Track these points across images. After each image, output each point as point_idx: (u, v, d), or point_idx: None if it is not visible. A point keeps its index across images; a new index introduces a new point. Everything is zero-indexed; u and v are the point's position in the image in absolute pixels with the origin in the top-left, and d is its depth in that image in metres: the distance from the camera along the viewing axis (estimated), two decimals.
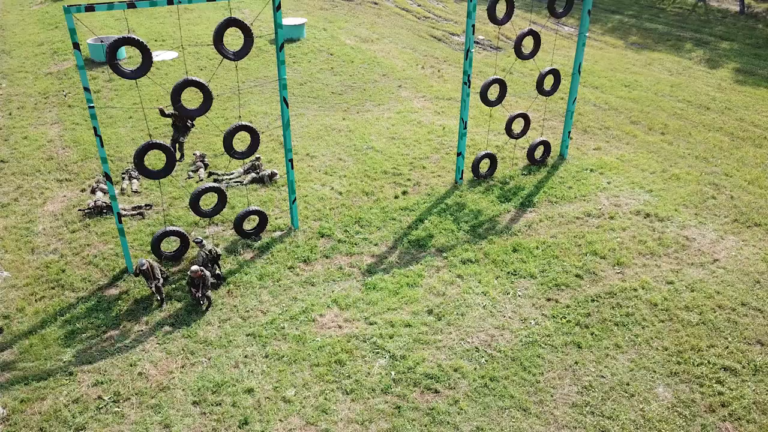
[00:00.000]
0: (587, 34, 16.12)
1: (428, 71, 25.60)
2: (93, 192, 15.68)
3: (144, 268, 11.41)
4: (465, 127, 15.44)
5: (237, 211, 14.22)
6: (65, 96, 22.12)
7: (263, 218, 13.75)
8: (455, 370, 10.31)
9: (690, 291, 12.13)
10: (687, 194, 15.66)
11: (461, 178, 16.11)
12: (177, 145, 14.30)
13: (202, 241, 12.23)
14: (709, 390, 9.89)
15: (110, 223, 14.44)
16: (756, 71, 25.50)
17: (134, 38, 11.19)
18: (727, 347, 10.73)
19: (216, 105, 21.04)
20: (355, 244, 13.72)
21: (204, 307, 11.62)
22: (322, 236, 14.02)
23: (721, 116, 20.82)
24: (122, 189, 15.94)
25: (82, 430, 9.31)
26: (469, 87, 14.96)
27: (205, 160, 17.29)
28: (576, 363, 10.47)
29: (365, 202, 15.37)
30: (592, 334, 11.07)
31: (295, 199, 13.99)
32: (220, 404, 9.73)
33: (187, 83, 11.94)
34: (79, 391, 9.96)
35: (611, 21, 33.91)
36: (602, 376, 10.20)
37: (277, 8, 12.17)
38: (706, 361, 10.42)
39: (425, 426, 9.35)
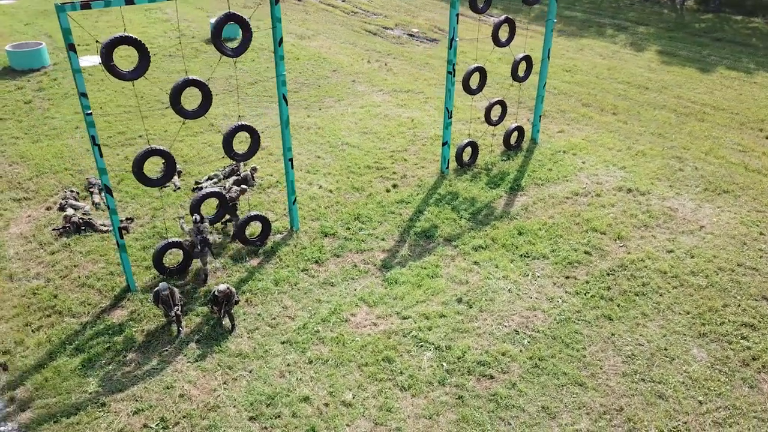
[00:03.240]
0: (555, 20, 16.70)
1: (375, 65, 25.55)
2: (62, 209, 14.45)
3: (165, 293, 10.62)
4: (450, 117, 15.57)
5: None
6: None
7: (266, 223, 13.22)
8: (503, 354, 10.42)
9: (690, 257, 12.91)
10: (657, 168, 16.63)
11: (447, 168, 16.24)
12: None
13: (202, 219, 11.88)
14: (738, 346, 10.59)
15: (92, 241, 13.38)
16: (676, 52, 27.43)
17: (132, 37, 10.44)
18: (740, 305, 11.53)
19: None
20: (363, 241, 13.50)
21: (229, 327, 10.98)
22: (325, 235, 13.68)
23: (661, 95, 22.24)
24: (95, 203, 14.79)
25: None
26: (453, 76, 15.09)
27: (178, 167, 16.36)
28: (612, 335, 10.88)
29: (358, 198, 15.14)
30: (618, 305, 11.54)
31: (295, 200, 13.56)
32: (279, 416, 9.29)
33: (188, 83, 11.26)
34: (120, 422, 9.17)
35: (533, 11, 35.23)
36: (640, 345, 10.66)
37: (276, 1, 11.69)
38: (726, 320, 11.15)
39: (492, 412, 9.40)
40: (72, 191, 15.03)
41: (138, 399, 9.59)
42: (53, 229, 13.72)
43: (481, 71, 15.58)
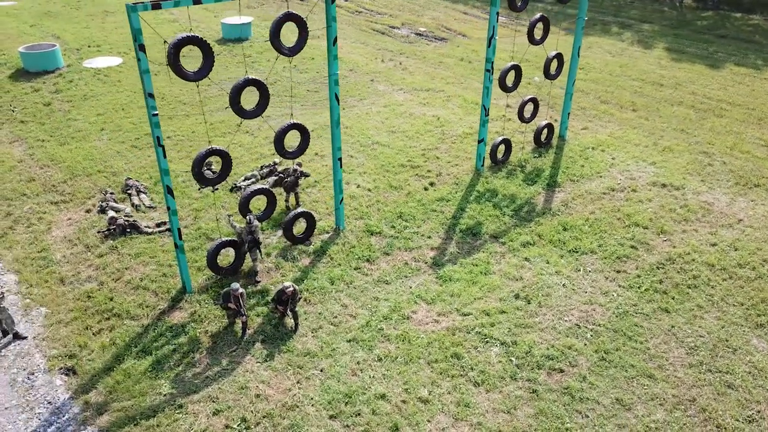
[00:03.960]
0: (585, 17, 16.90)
1: (390, 64, 25.61)
2: (103, 211, 14.35)
3: (239, 293, 10.60)
4: (487, 114, 15.69)
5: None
6: (14, 112, 19.92)
7: (311, 220, 13.25)
8: (569, 348, 10.57)
9: (734, 250, 13.17)
10: (686, 164, 16.90)
11: (483, 165, 16.36)
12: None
13: (253, 220, 11.93)
14: None
15: (139, 243, 13.30)
16: (684, 49, 27.83)
17: (198, 37, 10.42)
18: None
19: (189, 114, 19.95)
20: (409, 239, 13.58)
21: (293, 326, 11.00)
22: (371, 234, 13.74)
23: (676, 92, 22.58)
24: (135, 205, 14.69)
25: None
26: (491, 74, 15.21)
27: (212, 167, 16.31)
28: (672, 327, 11.08)
29: (397, 196, 15.22)
30: (672, 298, 11.75)
31: (342, 199, 13.60)
32: (359, 414, 9.34)
33: (248, 83, 11.27)
34: (200, 424, 9.16)
35: (536, 10, 35.52)
36: (701, 336, 10.87)
37: (332, 1, 11.72)
38: None
39: (568, 405, 9.53)
40: (111, 193, 14.92)
41: (214, 400, 9.58)
42: (98, 232, 13.62)
43: (517, 69, 15.72)
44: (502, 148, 16.68)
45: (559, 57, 16.77)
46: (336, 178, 13.34)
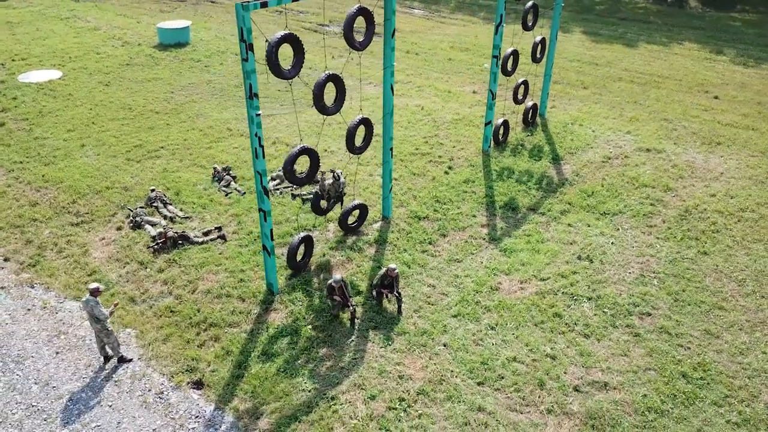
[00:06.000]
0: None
1: (340, 61, 25.93)
2: (138, 227, 13.72)
3: (339, 285, 10.79)
4: (494, 98, 16.74)
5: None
6: None
7: (364, 210, 13.64)
8: (644, 295, 11.87)
9: (731, 198, 15.23)
10: (655, 130, 19.03)
11: (489, 146, 17.42)
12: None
13: (339, 175, 12.64)
14: None
15: (195, 253, 12.94)
16: (598, 32, 30.70)
17: (294, 36, 10.50)
18: None
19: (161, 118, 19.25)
20: (456, 220, 14.30)
21: (397, 308, 11.39)
22: (419, 219, 14.31)
23: (611, 69, 25.02)
24: (168, 217, 14.14)
25: (415, 429, 8.96)
26: (499, 60, 16.26)
27: (231, 172, 16.03)
28: (716, 266, 12.76)
29: (424, 182, 15.87)
30: (705, 243, 13.46)
31: (391, 188, 14.04)
32: (502, 377, 10.00)
33: (329, 79, 11.44)
34: (361, 409, 9.37)
35: (452, 1, 37.34)
36: (742, 270, 12.64)
37: None
38: None
39: (668, 341, 10.80)
40: (141, 207, 14.24)
41: (363, 387, 9.80)
42: (147, 247, 13.03)
43: (515, 54, 16.89)
44: (502, 129, 17.81)
45: (542, 42, 18.16)
46: (387, 168, 13.75)
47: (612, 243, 13.47)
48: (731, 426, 9.26)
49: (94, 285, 9.74)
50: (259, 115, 10.31)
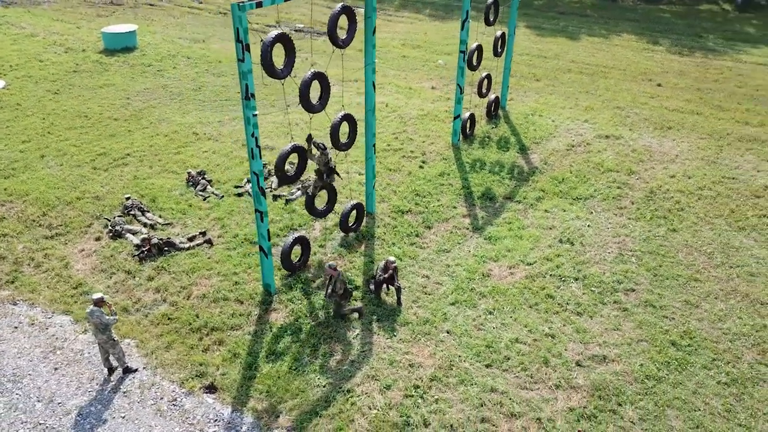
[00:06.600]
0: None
1: (297, 60, 25.83)
2: (119, 236, 13.39)
3: (340, 278, 10.92)
4: (462, 92, 17.19)
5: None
6: None
7: (361, 210, 13.77)
8: (625, 272, 12.55)
9: (688, 178, 16.23)
10: (610, 117, 19.99)
11: (459, 140, 17.87)
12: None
13: (324, 147, 12.26)
14: None
15: (183, 259, 12.77)
16: (541, 26, 31.79)
17: (287, 36, 10.56)
18: (746, 204, 14.99)
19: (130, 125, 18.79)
20: (437, 212, 14.65)
21: (396, 300, 11.60)
22: (403, 213, 14.58)
23: (560, 61, 26.01)
24: (147, 224, 13.84)
25: (434, 414, 9.19)
26: (466, 55, 16.72)
27: (206, 176, 15.84)
28: (686, 241, 13.61)
29: (401, 177, 16.14)
30: (672, 221, 14.32)
31: (375, 184, 14.24)
32: (508, 358, 10.39)
33: (315, 76, 11.56)
34: (379, 399, 9.56)
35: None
36: (710, 243, 13.53)
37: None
38: (750, 216, 14.48)
39: (654, 313, 11.48)
40: (119, 216, 13.88)
41: (377, 378, 9.98)
42: (133, 256, 12.75)
43: (479, 49, 17.40)
44: (469, 123, 18.29)
45: (503, 37, 18.74)
46: (369, 164, 13.93)
47: (588, 226, 14.13)
48: (722, 386, 9.97)
49: (98, 295, 9.53)
50: (256, 115, 10.31)
